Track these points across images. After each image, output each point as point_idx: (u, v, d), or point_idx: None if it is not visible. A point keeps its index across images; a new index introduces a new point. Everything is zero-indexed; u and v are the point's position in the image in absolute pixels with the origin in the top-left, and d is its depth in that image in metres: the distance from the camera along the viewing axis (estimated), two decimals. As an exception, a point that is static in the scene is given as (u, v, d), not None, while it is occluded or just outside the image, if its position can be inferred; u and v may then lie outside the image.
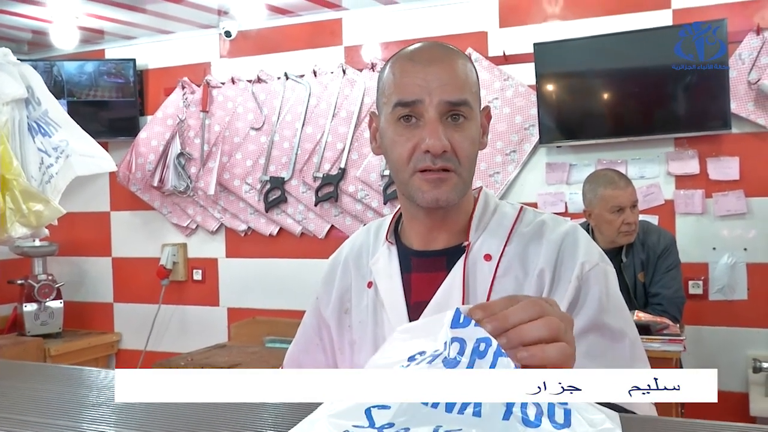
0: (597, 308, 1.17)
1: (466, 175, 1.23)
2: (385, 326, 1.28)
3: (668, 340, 2.60)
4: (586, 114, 3.83)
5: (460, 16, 4.06)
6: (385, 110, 1.25)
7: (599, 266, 1.21)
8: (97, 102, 4.76)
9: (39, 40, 4.73)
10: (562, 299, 1.16)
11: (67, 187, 4.64)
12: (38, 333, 4.64)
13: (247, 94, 4.52)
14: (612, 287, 1.22)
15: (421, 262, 1.30)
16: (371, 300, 1.32)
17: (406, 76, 1.21)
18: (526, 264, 1.22)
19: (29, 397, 1.03)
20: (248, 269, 4.62)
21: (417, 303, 1.26)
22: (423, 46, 1.27)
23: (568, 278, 1.18)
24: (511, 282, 1.21)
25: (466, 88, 1.21)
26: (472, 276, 1.23)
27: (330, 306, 1.39)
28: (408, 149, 1.21)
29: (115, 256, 5.03)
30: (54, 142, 2.33)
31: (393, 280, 1.30)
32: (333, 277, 1.41)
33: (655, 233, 3.23)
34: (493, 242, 1.25)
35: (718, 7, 3.56)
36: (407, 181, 1.23)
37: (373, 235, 1.40)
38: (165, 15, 4.35)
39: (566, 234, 1.23)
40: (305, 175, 4.33)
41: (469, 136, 1.22)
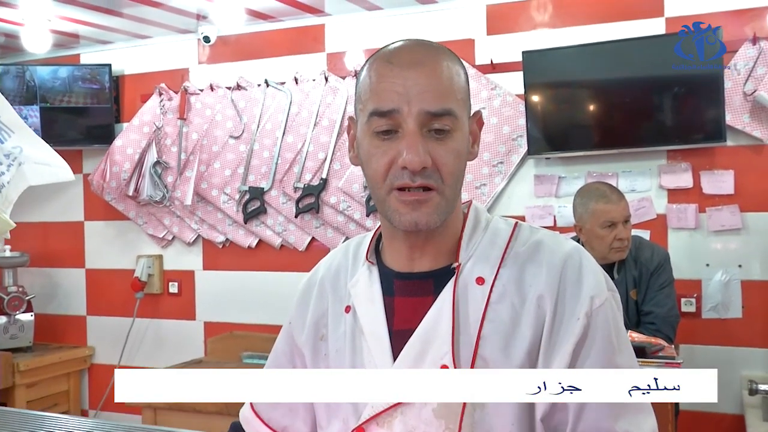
0: (610, 351, 1.07)
1: (449, 194, 1.09)
2: (365, 355, 1.15)
3: (665, 364, 2.46)
4: (575, 125, 3.71)
5: (446, 22, 3.94)
6: (361, 118, 1.12)
7: (608, 300, 1.09)
8: (72, 108, 4.60)
9: (10, 44, 4.58)
10: (569, 336, 1.05)
11: (39, 195, 4.52)
12: (7, 347, 4.47)
13: (226, 102, 4.37)
14: (619, 321, 1.11)
15: (405, 285, 1.16)
16: (349, 326, 1.19)
17: (383, 81, 1.08)
18: (523, 288, 1.09)
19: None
20: (226, 282, 4.47)
21: (401, 331, 1.13)
22: (404, 45, 1.13)
23: (575, 313, 1.06)
24: (507, 309, 1.09)
25: (451, 96, 1.08)
26: (462, 301, 1.10)
27: (304, 332, 1.25)
28: (384, 164, 1.08)
29: (89, 268, 4.86)
30: (6, 148, 2.17)
31: (374, 304, 1.16)
32: (308, 299, 1.27)
33: (648, 249, 3.11)
34: (485, 264, 1.12)
35: (712, 15, 3.45)
36: (384, 199, 1.10)
37: (352, 255, 1.26)
38: (142, 19, 4.21)
39: (568, 257, 1.11)
40: (285, 186, 4.19)
41: (453, 149, 1.08)
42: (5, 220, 2.17)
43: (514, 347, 1.07)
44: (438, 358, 1.08)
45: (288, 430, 1.27)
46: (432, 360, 1.08)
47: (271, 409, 1.29)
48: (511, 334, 1.07)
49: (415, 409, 1.09)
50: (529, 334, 1.07)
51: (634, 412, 1.06)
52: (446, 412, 1.07)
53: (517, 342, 1.07)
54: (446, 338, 1.08)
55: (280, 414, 1.28)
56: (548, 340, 1.06)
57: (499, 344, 1.07)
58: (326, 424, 1.19)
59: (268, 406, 1.30)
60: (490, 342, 1.07)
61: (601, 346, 1.06)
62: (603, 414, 1.04)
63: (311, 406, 1.25)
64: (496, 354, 1.07)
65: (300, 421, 1.27)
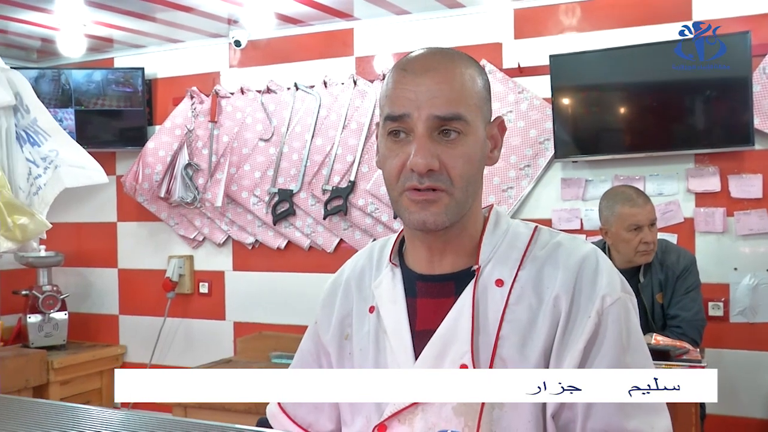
0: (618, 349, 1.09)
1: (459, 196, 1.13)
2: (387, 355, 1.19)
3: (688, 367, 2.47)
4: (602, 128, 3.72)
5: (474, 26, 3.96)
6: (380, 123, 1.17)
7: (620, 299, 1.11)
8: (106, 111, 4.70)
9: (47, 49, 4.68)
10: (580, 334, 1.08)
11: (74, 196, 4.61)
12: (42, 345, 4.57)
13: (257, 105, 4.44)
14: (632, 321, 1.13)
15: (427, 286, 1.20)
16: (373, 326, 1.23)
17: (398, 87, 1.13)
18: (541, 290, 1.13)
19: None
20: (255, 283, 4.53)
21: (422, 331, 1.17)
22: (421, 54, 1.17)
23: (587, 312, 1.09)
24: (525, 310, 1.12)
25: (462, 101, 1.11)
26: (482, 303, 1.14)
27: (330, 331, 1.29)
28: (397, 166, 1.13)
29: (122, 268, 4.96)
30: (43, 152, 2.24)
31: (397, 305, 1.20)
32: (333, 300, 1.32)
33: (675, 253, 3.11)
34: (505, 266, 1.16)
35: (740, 20, 3.44)
36: (397, 199, 1.16)
37: (377, 257, 1.30)
38: (174, 24, 4.28)
39: (585, 259, 1.14)
40: (314, 188, 4.24)
41: (463, 153, 1.12)
42: (42, 221, 2.24)
43: (530, 347, 1.10)
44: (458, 357, 1.12)
45: (313, 427, 1.31)
46: (452, 360, 1.12)
47: (297, 406, 1.33)
48: (529, 334, 1.10)
49: (435, 407, 1.12)
50: (545, 333, 1.10)
51: (647, 412, 1.07)
52: (466, 410, 1.11)
53: (534, 342, 1.10)
54: (466, 338, 1.11)
55: (306, 411, 1.32)
56: (561, 338, 1.09)
57: (517, 344, 1.10)
58: (350, 421, 1.23)
59: (295, 403, 1.34)
60: (509, 342, 1.10)
61: (611, 344, 1.08)
62: (613, 412, 1.06)
63: (335, 404, 1.29)
64: (513, 354, 1.10)
65: (325, 418, 1.30)
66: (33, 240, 2.30)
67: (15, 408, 1.12)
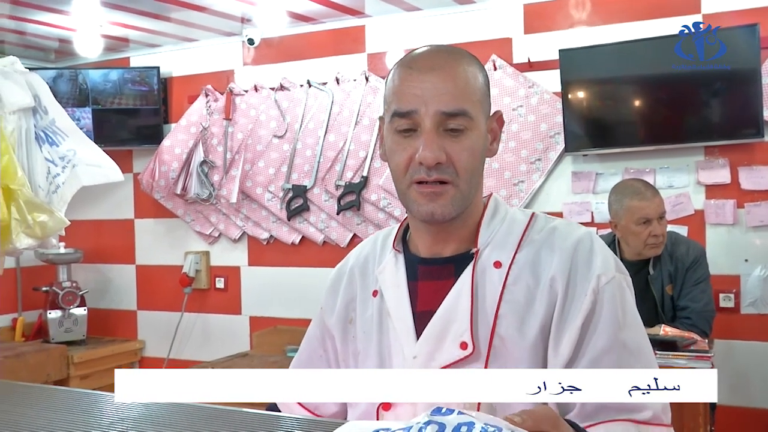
0: (615, 326, 1.13)
1: (465, 187, 1.19)
2: (390, 336, 1.25)
3: (695, 357, 2.50)
4: (612, 121, 3.75)
5: (484, 22, 4.00)
6: (386, 118, 1.23)
7: (615, 278, 1.17)
8: (122, 110, 4.77)
9: (64, 49, 4.76)
10: (577, 312, 1.13)
11: (92, 194, 4.68)
12: (62, 340, 4.66)
13: (270, 102, 4.49)
14: (628, 300, 1.18)
15: (428, 270, 1.26)
16: (376, 309, 1.28)
17: (404, 84, 1.19)
18: (538, 271, 1.18)
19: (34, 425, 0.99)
20: (270, 278, 4.59)
21: (423, 312, 1.22)
22: (425, 51, 1.23)
23: (583, 290, 1.14)
24: (522, 290, 1.17)
25: (466, 97, 1.17)
26: (481, 283, 1.20)
27: (334, 316, 1.35)
28: (405, 159, 1.18)
29: (139, 264, 5.03)
30: (61, 151, 2.31)
31: (399, 288, 1.26)
32: (338, 286, 1.38)
33: (684, 245, 3.14)
34: (503, 249, 1.21)
35: (749, 12, 3.45)
36: (405, 191, 1.21)
37: (381, 245, 1.36)
38: (189, 23, 4.34)
39: (580, 241, 1.19)
40: (327, 184, 4.29)
41: (468, 146, 1.18)
42: (60, 218, 2.30)
43: (528, 325, 1.15)
44: (458, 335, 1.17)
45: (320, 409, 1.36)
46: (452, 338, 1.17)
47: None
48: (526, 313, 1.16)
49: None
50: (542, 312, 1.15)
51: None
52: None
53: (531, 320, 1.15)
54: (465, 317, 1.17)
55: None
56: (559, 317, 1.14)
57: (515, 323, 1.15)
58: (356, 402, 1.28)
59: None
60: (506, 321, 1.16)
61: (608, 321, 1.13)
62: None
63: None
64: (511, 332, 1.15)
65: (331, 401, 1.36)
66: (52, 237, 2.37)
67: (37, 395, 1.18)
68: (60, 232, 2.40)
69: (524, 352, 1.15)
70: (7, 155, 2.20)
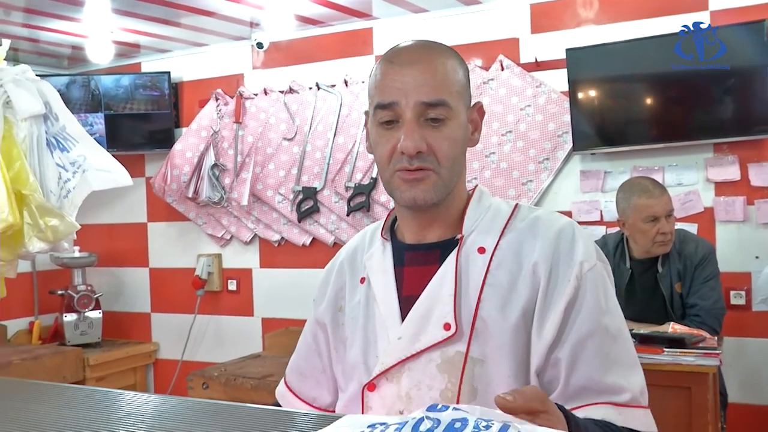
0: (598, 311, 1.17)
1: (446, 174, 1.23)
2: (377, 321, 1.29)
3: (703, 354, 2.50)
4: (621, 120, 3.75)
5: (490, 22, 4.01)
6: (370, 111, 1.28)
7: (597, 266, 1.21)
8: (134, 115, 4.82)
9: (76, 55, 4.81)
10: (561, 297, 1.17)
11: (105, 199, 4.74)
12: (78, 342, 4.71)
13: (280, 105, 4.53)
14: (608, 287, 1.22)
15: (414, 255, 1.30)
16: (364, 295, 1.33)
17: (386, 78, 1.23)
18: (521, 258, 1.22)
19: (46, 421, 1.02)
20: (282, 279, 4.63)
21: (409, 296, 1.26)
22: (405, 46, 1.28)
23: (567, 277, 1.18)
24: (505, 275, 1.21)
25: (445, 88, 1.22)
26: (464, 268, 1.24)
27: (324, 305, 1.40)
28: (388, 150, 1.23)
29: (152, 267, 5.08)
30: (71, 157, 2.35)
31: (386, 273, 1.31)
32: (329, 278, 1.42)
33: (693, 242, 3.14)
34: (487, 236, 1.26)
35: (757, 8, 3.44)
36: (389, 180, 1.26)
37: (369, 236, 1.41)
38: (199, 28, 4.38)
39: (562, 229, 1.23)
40: (337, 185, 4.32)
41: (448, 136, 1.22)
42: (71, 222, 2.35)
43: (510, 308, 1.19)
44: (441, 317, 1.21)
45: (317, 400, 1.42)
46: (436, 320, 1.21)
47: (301, 384, 1.44)
48: (508, 297, 1.19)
49: (420, 365, 1.21)
50: (525, 297, 1.19)
51: (625, 367, 1.17)
52: (449, 367, 1.20)
53: (513, 304, 1.19)
54: (449, 300, 1.21)
55: (309, 387, 1.43)
56: (543, 302, 1.18)
57: (497, 306, 1.19)
58: (345, 387, 1.33)
59: (299, 381, 1.45)
60: (489, 304, 1.20)
61: (591, 306, 1.17)
62: (594, 368, 1.14)
63: (333, 377, 1.39)
64: (494, 314, 1.19)
65: (325, 391, 1.41)
66: (64, 241, 2.41)
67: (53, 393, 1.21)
68: (71, 236, 2.44)
69: (506, 334, 1.18)
70: (20, 161, 2.24)
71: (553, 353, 1.16)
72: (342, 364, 1.34)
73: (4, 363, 4.14)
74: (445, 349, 1.20)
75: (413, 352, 1.21)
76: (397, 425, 0.76)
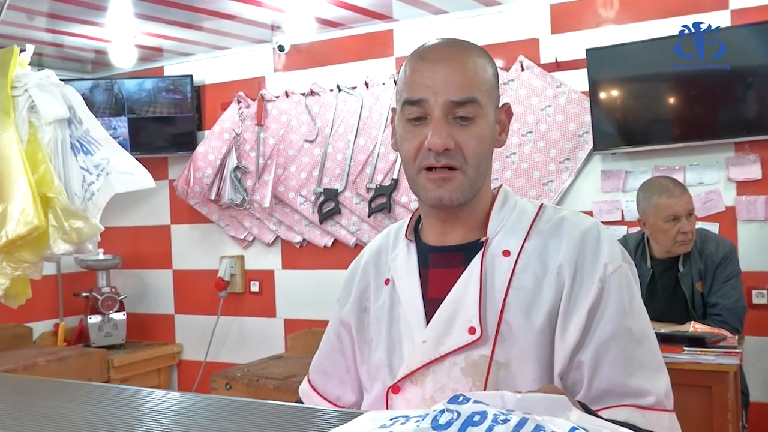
0: (621, 314, 1.16)
1: (473, 174, 1.23)
2: (401, 322, 1.29)
3: (723, 353, 2.50)
4: (641, 119, 3.74)
5: (510, 23, 4.02)
6: (398, 107, 1.27)
7: (622, 267, 1.20)
8: (157, 118, 4.87)
9: (100, 60, 4.87)
10: (585, 299, 1.16)
11: (129, 201, 4.79)
12: (102, 344, 4.76)
13: (301, 107, 4.56)
14: (633, 289, 1.21)
15: (438, 257, 1.30)
16: (388, 296, 1.33)
17: (415, 74, 1.23)
18: (545, 260, 1.21)
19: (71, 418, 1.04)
20: (304, 280, 4.65)
21: (434, 299, 1.26)
22: (435, 44, 1.28)
23: (591, 279, 1.17)
24: (530, 278, 1.20)
25: (474, 87, 1.21)
26: (490, 271, 1.23)
27: (348, 305, 1.39)
28: (414, 147, 1.23)
29: (176, 269, 5.13)
30: (95, 160, 2.39)
31: (411, 276, 1.30)
32: (353, 278, 1.41)
33: (714, 242, 3.13)
34: (512, 238, 1.25)
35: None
36: (414, 178, 1.25)
37: (393, 236, 1.41)
38: (220, 32, 4.42)
39: (587, 231, 1.22)
40: (358, 187, 4.34)
41: (476, 134, 1.22)
42: (95, 224, 2.39)
43: (535, 312, 1.18)
44: (466, 321, 1.20)
45: (341, 399, 1.42)
46: (461, 323, 1.21)
47: (325, 382, 1.44)
48: (533, 300, 1.19)
49: (444, 368, 1.21)
50: (550, 300, 1.18)
51: (649, 371, 1.15)
52: (473, 370, 1.20)
53: (538, 307, 1.18)
54: (474, 304, 1.20)
55: (333, 386, 1.43)
56: (567, 303, 1.17)
57: (522, 309, 1.19)
58: (370, 388, 1.34)
59: (322, 380, 1.45)
60: (514, 307, 1.19)
61: (615, 308, 1.16)
62: (617, 371, 1.13)
63: (357, 377, 1.39)
64: (518, 318, 1.19)
65: (349, 391, 1.41)
66: (88, 242, 2.45)
67: (79, 391, 1.24)
68: (95, 238, 2.48)
69: (531, 338, 1.18)
70: (44, 164, 2.29)
71: (577, 356, 1.15)
72: (367, 365, 1.34)
73: (30, 364, 4.20)
74: (470, 352, 1.20)
75: (438, 355, 1.21)
76: (417, 417, 0.77)
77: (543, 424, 0.73)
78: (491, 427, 0.72)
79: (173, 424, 0.96)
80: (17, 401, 1.16)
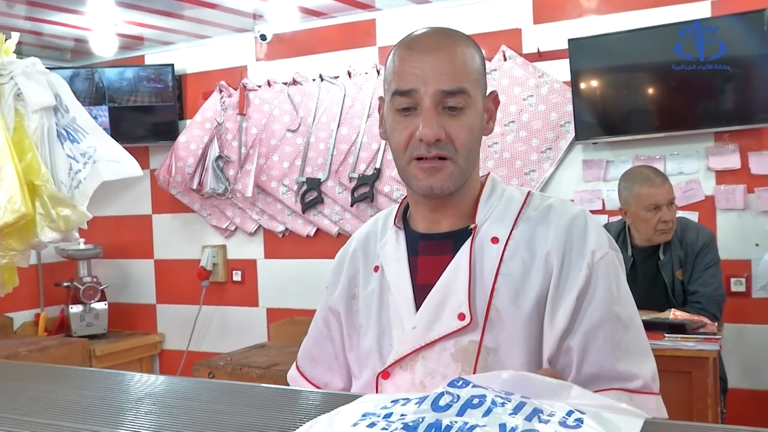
0: (609, 300, 1.18)
1: (463, 163, 1.24)
2: (391, 309, 1.30)
3: (703, 339, 2.54)
4: (622, 109, 3.77)
5: (493, 13, 4.03)
6: (386, 98, 1.27)
7: (609, 254, 1.22)
8: (138, 107, 4.84)
9: (80, 48, 4.83)
10: (573, 286, 1.18)
11: (110, 190, 4.77)
12: (84, 334, 4.74)
13: (283, 97, 4.55)
14: (620, 275, 1.23)
15: (427, 245, 1.31)
16: (378, 283, 1.34)
17: (404, 64, 1.23)
18: (533, 247, 1.23)
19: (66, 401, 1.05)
20: (286, 270, 4.66)
21: (423, 285, 1.27)
22: (423, 33, 1.28)
23: (579, 266, 1.19)
24: (518, 265, 1.22)
25: (464, 77, 1.22)
26: (479, 258, 1.24)
27: (337, 293, 1.40)
28: (405, 137, 1.23)
29: (157, 258, 5.11)
30: (82, 148, 2.38)
31: (400, 263, 1.31)
32: (341, 265, 1.43)
33: (694, 230, 3.17)
34: (500, 225, 1.26)
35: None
36: (405, 167, 1.26)
37: (382, 223, 1.41)
38: (202, 20, 4.40)
39: (575, 218, 1.24)
40: (341, 176, 4.35)
41: (466, 124, 1.22)
42: (83, 212, 2.38)
43: (523, 298, 1.20)
44: (456, 307, 1.22)
45: (329, 385, 1.43)
46: (450, 309, 1.22)
47: (314, 369, 1.46)
48: (522, 286, 1.21)
49: (434, 354, 1.23)
50: (538, 286, 1.20)
51: (636, 356, 1.18)
52: (463, 356, 1.22)
53: (527, 293, 1.20)
54: (463, 290, 1.22)
55: (321, 372, 1.45)
56: (555, 290, 1.19)
57: (511, 295, 1.21)
58: (358, 374, 1.35)
59: (311, 366, 1.46)
60: (503, 293, 1.21)
61: (603, 295, 1.18)
62: (605, 356, 1.16)
63: (345, 363, 1.40)
64: (507, 304, 1.21)
65: (337, 377, 1.43)
66: (75, 230, 2.45)
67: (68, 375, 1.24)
68: (83, 226, 2.47)
69: (519, 324, 1.20)
70: (31, 152, 2.28)
71: (565, 341, 1.17)
72: (356, 351, 1.35)
73: (11, 354, 4.17)
74: (459, 338, 1.21)
75: (427, 341, 1.23)
76: (417, 399, 0.79)
77: (541, 407, 0.74)
78: (490, 409, 0.74)
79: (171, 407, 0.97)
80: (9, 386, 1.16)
